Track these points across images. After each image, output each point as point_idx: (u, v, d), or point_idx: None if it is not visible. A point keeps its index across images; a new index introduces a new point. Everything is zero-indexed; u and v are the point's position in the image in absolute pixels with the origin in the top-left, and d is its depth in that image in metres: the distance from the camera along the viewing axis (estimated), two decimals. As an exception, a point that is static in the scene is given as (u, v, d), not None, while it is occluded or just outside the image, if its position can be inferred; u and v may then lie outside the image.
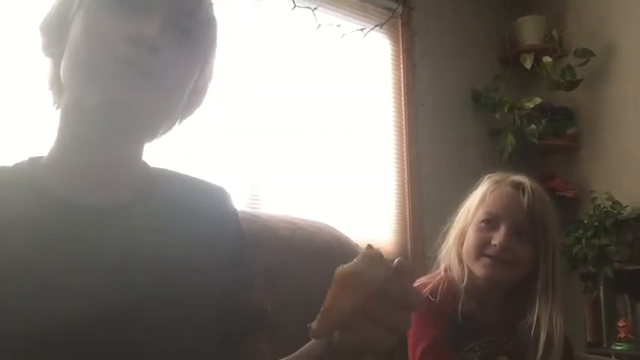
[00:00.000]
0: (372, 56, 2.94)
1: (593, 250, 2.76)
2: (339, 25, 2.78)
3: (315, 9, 2.69)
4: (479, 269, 1.26)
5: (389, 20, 2.97)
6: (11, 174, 0.70)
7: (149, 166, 0.77)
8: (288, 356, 0.72)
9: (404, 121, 2.98)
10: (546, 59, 3.14)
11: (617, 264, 2.75)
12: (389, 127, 2.95)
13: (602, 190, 2.89)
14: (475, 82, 3.24)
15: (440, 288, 1.26)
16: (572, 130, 3.21)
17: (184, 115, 0.78)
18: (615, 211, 2.80)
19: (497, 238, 1.24)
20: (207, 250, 0.72)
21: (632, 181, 2.92)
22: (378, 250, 0.57)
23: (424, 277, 1.33)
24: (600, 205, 2.84)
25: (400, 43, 3.05)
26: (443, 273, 1.32)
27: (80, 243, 0.65)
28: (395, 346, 0.59)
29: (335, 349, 0.61)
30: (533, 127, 3.10)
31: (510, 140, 3.09)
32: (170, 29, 0.67)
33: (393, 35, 3.05)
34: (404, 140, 2.96)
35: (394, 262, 0.57)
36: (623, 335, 2.72)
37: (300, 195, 2.53)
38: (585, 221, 2.85)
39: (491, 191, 1.30)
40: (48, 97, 0.74)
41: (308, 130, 2.62)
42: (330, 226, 1.30)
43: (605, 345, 2.75)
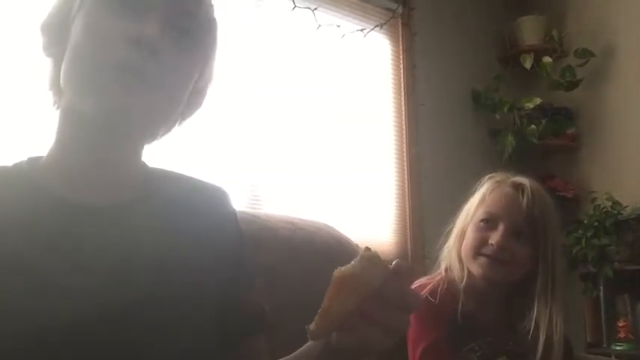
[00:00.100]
0: (372, 56, 2.94)
1: (593, 250, 2.76)
2: (339, 26, 2.78)
3: (315, 9, 2.69)
4: (476, 268, 1.26)
5: (389, 20, 2.97)
6: (10, 174, 0.70)
7: (148, 167, 0.77)
8: (285, 357, 0.72)
9: (404, 121, 2.98)
10: (546, 59, 3.14)
11: (617, 264, 2.74)
12: (389, 127, 2.95)
13: (602, 190, 2.88)
14: (475, 82, 3.24)
15: (440, 288, 1.25)
16: (572, 131, 3.21)
17: (184, 117, 0.78)
18: (615, 211, 2.79)
19: (495, 237, 1.24)
20: (206, 250, 0.72)
21: (632, 181, 2.92)
22: (375, 252, 0.57)
23: (424, 278, 1.33)
24: (600, 206, 2.84)
25: (400, 43, 3.05)
26: (443, 273, 1.31)
27: (79, 243, 0.65)
28: (394, 347, 0.59)
29: (333, 350, 0.61)
30: (533, 127, 3.10)
31: (510, 140, 3.09)
32: (170, 30, 0.67)
33: (393, 35, 3.05)
34: (404, 140, 2.96)
35: (392, 264, 0.57)
36: (623, 335, 2.71)
37: (300, 195, 2.53)
38: (585, 221, 2.85)
39: (492, 191, 1.30)
40: (48, 98, 0.74)
41: (308, 131, 2.62)
42: (330, 227, 1.31)
43: (605, 345, 2.75)
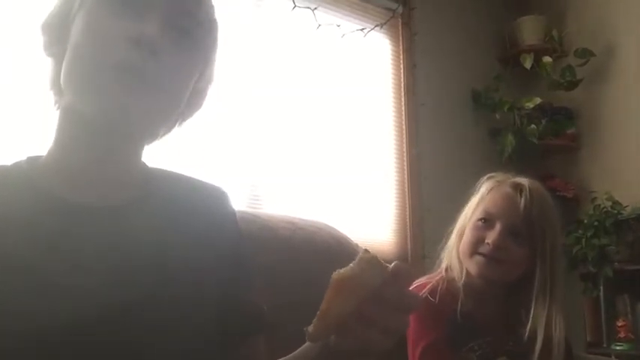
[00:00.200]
0: (372, 56, 2.94)
1: (593, 250, 2.76)
2: (339, 25, 2.78)
3: (315, 9, 2.68)
4: (473, 267, 1.26)
5: (389, 20, 2.97)
6: (10, 173, 0.70)
7: (148, 166, 0.77)
8: (283, 358, 0.72)
9: (404, 121, 2.98)
10: (546, 59, 3.14)
11: (617, 264, 2.74)
12: (389, 127, 2.95)
13: (602, 190, 2.88)
14: (475, 82, 3.24)
15: (439, 288, 1.26)
16: (572, 130, 3.21)
17: (184, 117, 0.78)
18: (615, 211, 2.79)
19: (492, 236, 1.24)
20: (205, 250, 0.72)
21: (632, 181, 2.92)
22: (374, 255, 0.57)
23: (424, 277, 1.33)
24: (600, 205, 2.84)
25: (400, 43, 3.05)
26: (444, 273, 1.32)
27: (79, 242, 0.65)
28: (394, 347, 0.59)
29: (331, 351, 0.62)
30: (533, 127, 3.10)
31: (510, 140, 3.09)
32: (170, 30, 0.67)
33: (393, 35, 3.05)
34: (404, 140, 2.96)
35: (391, 266, 0.57)
36: (623, 335, 2.71)
37: (301, 195, 2.52)
38: (585, 221, 2.85)
39: (491, 191, 1.31)
40: (48, 97, 0.74)
41: (308, 130, 2.62)
42: (330, 226, 1.31)
43: (605, 345, 2.75)
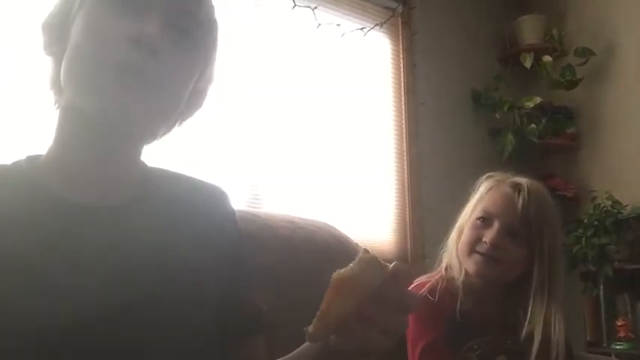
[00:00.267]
0: (372, 55, 2.94)
1: (593, 250, 2.76)
2: (339, 25, 2.78)
3: (315, 8, 2.68)
4: (470, 266, 1.27)
5: (389, 19, 2.96)
6: (9, 172, 0.70)
7: (147, 166, 0.77)
8: (283, 357, 0.72)
9: (404, 121, 2.98)
10: (546, 58, 3.14)
11: (617, 263, 2.74)
12: (389, 126, 2.95)
13: (602, 190, 2.88)
14: (475, 82, 3.24)
15: (438, 287, 1.26)
16: (572, 130, 3.21)
17: (184, 117, 0.78)
18: (615, 211, 2.79)
19: (489, 235, 1.25)
20: (205, 250, 0.72)
21: (632, 181, 2.92)
22: (374, 255, 0.57)
23: (423, 277, 1.33)
24: (600, 205, 2.84)
25: (400, 42, 3.05)
26: (443, 272, 1.32)
27: (78, 242, 0.65)
28: (393, 347, 0.59)
29: (331, 351, 0.62)
30: (533, 126, 3.10)
31: (510, 140, 3.09)
32: (170, 30, 0.67)
33: (393, 34, 3.05)
34: (404, 140, 2.96)
35: (390, 266, 0.57)
36: (623, 334, 2.71)
37: (301, 194, 2.52)
38: (585, 220, 2.84)
39: (490, 190, 1.31)
40: (48, 97, 0.74)
41: (308, 130, 2.62)
42: (330, 226, 1.31)
43: (605, 344, 2.75)
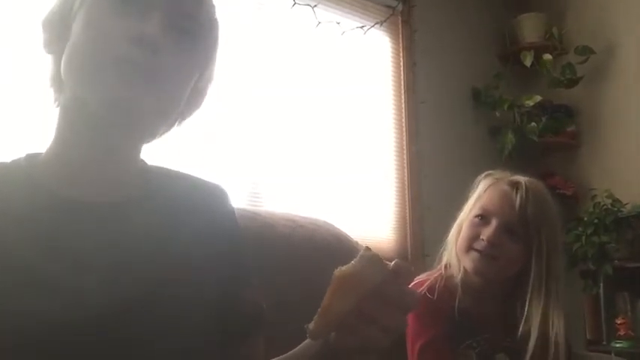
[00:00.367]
0: (372, 54, 2.93)
1: (593, 248, 2.76)
2: (338, 23, 2.78)
3: (315, 6, 2.68)
4: (468, 263, 1.27)
5: (389, 18, 2.96)
6: (9, 170, 0.70)
7: (147, 165, 0.77)
8: (283, 355, 0.72)
9: (404, 119, 2.98)
10: (546, 57, 3.13)
11: (617, 261, 2.74)
12: (389, 124, 2.94)
13: (602, 188, 2.88)
14: (475, 80, 3.24)
15: (437, 285, 1.26)
16: (572, 128, 3.20)
17: (183, 117, 0.78)
18: (615, 209, 2.79)
19: (487, 233, 1.25)
20: (205, 248, 0.72)
21: (632, 179, 2.92)
22: (375, 252, 0.57)
23: (423, 275, 1.33)
24: (600, 203, 2.84)
25: (400, 40, 3.05)
26: (442, 270, 1.32)
27: (78, 240, 0.65)
28: (393, 345, 0.59)
29: (331, 348, 0.62)
30: (533, 124, 3.10)
31: (510, 138, 3.09)
32: (171, 30, 0.67)
33: (393, 33, 3.04)
34: (404, 138, 2.96)
35: (391, 264, 0.58)
36: (623, 333, 2.71)
37: (301, 193, 2.52)
38: (585, 219, 2.84)
39: (488, 188, 1.31)
40: (48, 95, 0.74)
41: (308, 128, 2.61)
42: (330, 224, 1.31)
43: (605, 342, 2.75)
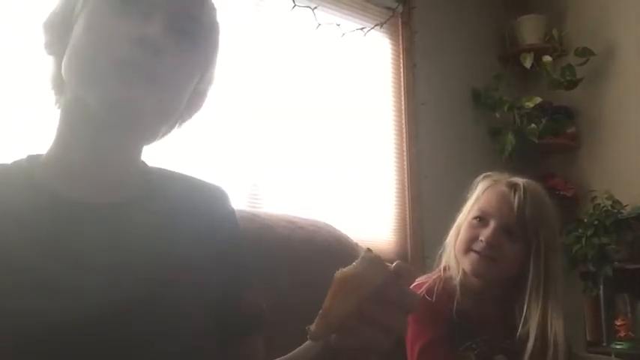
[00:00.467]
0: (372, 55, 2.94)
1: (593, 249, 2.76)
2: (339, 25, 2.78)
3: (315, 8, 2.68)
4: (467, 264, 1.27)
5: (389, 19, 2.96)
6: (10, 172, 0.70)
7: (148, 166, 0.77)
8: (283, 356, 0.72)
9: (404, 121, 2.98)
10: (546, 58, 3.14)
11: (617, 263, 2.74)
12: (389, 126, 2.95)
13: (602, 189, 2.88)
14: (475, 81, 3.24)
15: (436, 287, 1.26)
16: (572, 130, 3.21)
17: (184, 118, 0.78)
18: (615, 210, 2.79)
19: (485, 234, 1.25)
20: (205, 249, 0.72)
21: (632, 180, 2.92)
22: (377, 254, 0.57)
23: (422, 277, 1.33)
24: (600, 204, 2.84)
25: (400, 42, 3.05)
26: (441, 272, 1.32)
27: (79, 240, 0.65)
28: (393, 348, 0.59)
29: (332, 349, 0.62)
30: (533, 126, 3.10)
31: (510, 139, 3.09)
32: (172, 31, 0.67)
33: (393, 34, 3.05)
34: (404, 139, 2.96)
35: (393, 265, 0.58)
36: (623, 334, 2.71)
37: (300, 194, 2.53)
38: (585, 220, 2.85)
39: (487, 190, 1.31)
40: (49, 96, 0.74)
41: (308, 130, 2.62)
42: (330, 225, 1.31)
43: (605, 344, 2.75)
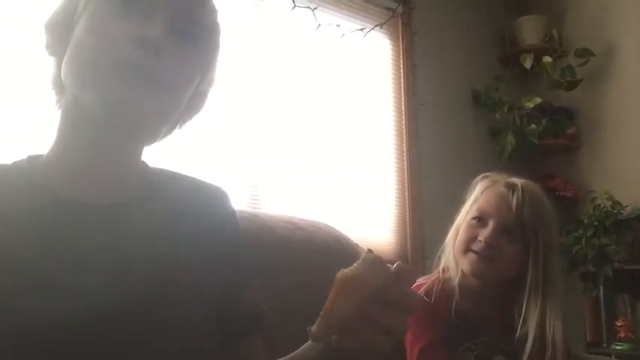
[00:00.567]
0: (372, 56, 2.94)
1: (593, 250, 2.76)
2: (339, 25, 2.78)
3: (315, 9, 2.69)
4: (466, 265, 1.27)
5: (389, 20, 2.97)
6: (10, 172, 0.70)
7: (148, 166, 0.77)
8: (284, 357, 0.72)
9: (404, 121, 2.98)
10: (546, 59, 3.14)
11: (617, 264, 2.74)
12: (389, 126, 2.95)
13: (602, 190, 2.88)
14: (475, 82, 3.24)
15: (434, 289, 1.26)
16: (572, 130, 3.21)
17: (184, 120, 0.78)
18: (615, 211, 2.79)
19: (484, 234, 1.25)
20: (206, 249, 0.72)
21: (632, 181, 2.92)
22: (377, 255, 0.57)
23: (421, 278, 1.33)
24: (600, 205, 2.84)
25: (400, 42, 3.05)
26: (440, 273, 1.32)
27: (79, 241, 0.65)
28: (393, 349, 0.59)
29: (333, 351, 0.62)
30: (533, 126, 3.10)
31: (510, 140, 3.09)
32: (173, 32, 0.67)
33: (393, 35, 3.05)
34: (404, 140, 2.96)
35: (394, 266, 0.58)
36: (623, 335, 2.71)
37: (300, 195, 2.53)
38: (585, 221, 2.85)
39: (485, 190, 1.32)
40: (50, 96, 0.74)
41: (308, 130, 2.62)
42: (330, 226, 1.31)
43: (605, 345, 2.75)
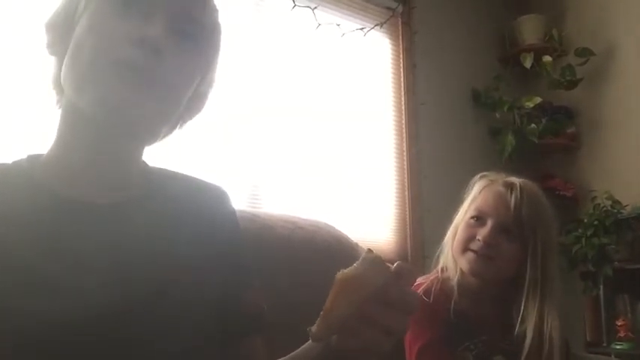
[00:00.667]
0: (372, 55, 2.94)
1: (593, 250, 2.76)
2: (339, 25, 2.78)
3: (315, 8, 2.69)
4: (464, 264, 1.27)
5: (389, 19, 2.97)
6: (10, 172, 0.70)
7: (148, 166, 0.77)
8: (284, 357, 0.72)
9: (404, 120, 2.98)
10: (546, 58, 3.14)
11: (617, 263, 2.75)
12: (389, 126, 2.95)
13: (602, 190, 2.89)
14: (475, 82, 3.24)
15: (433, 288, 1.27)
16: (572, 130, 3.21)
17: (184, 120, 0.78)
18: (615, 211, 2.80)
19: (482, 233, 1.25)
20: (206, 249, 0.72)
21: (631, 180, 2.92)
22: (377, 255, 0.57)
23: (420, 278, 1.33)
24: (600, 205, 2.84)
25: (400, 42, 3.05)
26: (439, 273, 1.32)
27: (79, 240, 0.65)
28: (392, 349, 0.59)
29: (333, 350, 0.62)
30: (533, 126, 3.10)
31: (510, 139, 3.09)
32: (174, 33, 0.67)
33: (393, 34, 3.05)
34: (404, 139, 2.96)
35: (394, 266, 0.58)
36: (622, 334, 2.71)
37: (300, 194, 2.53)
38: (585, 220, 2.85)
39: (483, 189, 1.32)
40: (50, 96, 0.74)
41: (308, 130, 2.62)
42: (330, 225, 1.31)
43: (605, 344, 2.75)
